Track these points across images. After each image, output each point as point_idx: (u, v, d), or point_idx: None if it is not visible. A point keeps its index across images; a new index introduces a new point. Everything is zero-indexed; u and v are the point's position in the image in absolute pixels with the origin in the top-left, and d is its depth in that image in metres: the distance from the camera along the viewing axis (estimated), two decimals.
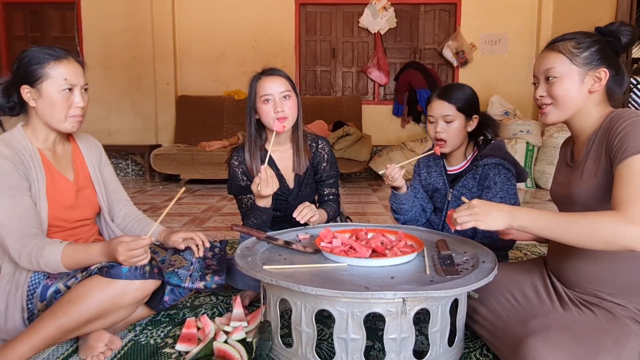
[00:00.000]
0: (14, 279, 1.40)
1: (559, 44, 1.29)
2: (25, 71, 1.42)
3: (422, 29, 6.10)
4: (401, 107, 6.05)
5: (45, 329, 1.30)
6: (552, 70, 1.28)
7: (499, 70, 6.01)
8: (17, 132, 1.48)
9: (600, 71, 1.25)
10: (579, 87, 1.27)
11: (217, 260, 1.71)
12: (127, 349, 1.44)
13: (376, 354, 1.40)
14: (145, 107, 6.10)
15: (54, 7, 6.02)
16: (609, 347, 1.11)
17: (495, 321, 1.38)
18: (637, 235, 1.03)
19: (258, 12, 5.97)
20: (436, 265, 1.38)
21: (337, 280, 1.27)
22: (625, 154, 1.13)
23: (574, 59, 1.26)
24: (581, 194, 1.26)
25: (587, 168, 1.26)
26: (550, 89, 1.29)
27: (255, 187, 1.68)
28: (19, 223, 1.34)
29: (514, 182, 1.79)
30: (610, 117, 1.25)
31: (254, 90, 1.82)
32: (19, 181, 1.38)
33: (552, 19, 5.80)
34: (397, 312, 1.19)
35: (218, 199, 4.43)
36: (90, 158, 1.66)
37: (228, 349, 1.37)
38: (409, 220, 1.97)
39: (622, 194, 1.09)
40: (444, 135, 1.81)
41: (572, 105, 1.28)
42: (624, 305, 1.22)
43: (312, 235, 1.71)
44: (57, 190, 1.49)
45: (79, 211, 1.55)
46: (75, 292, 1.33)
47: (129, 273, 1.33)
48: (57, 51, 1.45)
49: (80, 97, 1.46)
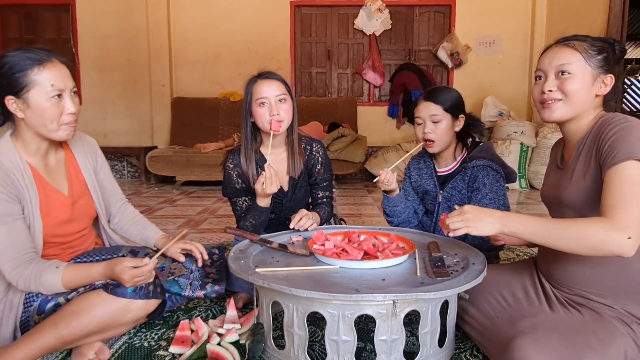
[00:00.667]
0: (7, 299, 1.38)
1: (574, 42, 1.29)
2: (8, 81, 1.30)
3: (416, 30, 6.12)
4: (396, 108, 6.08)
5: (44, 338, 1.30)
6: (567, 66, 1.27)
7: (493, 71, 6.04)
8: (5, 145, 1.38)
9: (608, 77, 1.28)
10: (589, 88, 1.27)
11: (216, 268, 1.72)
12: (121, 352, 1.45)
13: (367, 356, 1.42)
14: (140, 108, 6.10)
15: (49, 9, 6.02)
16: (595, 346, 1.13)
17: (485, 322, 1.40)
18: (624, 243, 1.06)
19: (253, 14, 5.99)
20: (427, 267, 1.40)
21: (328, 282, 1.29)
22: (615, 160, 1.15)
23: (589, 59, 1.27)
24: (570, 196, 1.28)
25: (576, 171, 1.28)
26: (563, 84, 1.28)
27: (260, 186, 1.69)
28: (12, 250, 1.31)
29: (502, 184, 1.82)
30: (601, 121, 1.26)
31: (250, 93, 1.83)
32: (11, 206, 1.31)
33: (545, 21, 5.83)
34: (387, 314, 1.21)
35: (213, 201, 4.44)
36: (86, 164, 1.60)
37: (221, 351, 1.38)
38: (402, 222, 1.98)
39: (611, 201, 1.11)
40: (432, 135, 1.84)
41: (580, 105, 1.29)
42: (611, 305, 1.25)
43: (305, 238, 1.72)
44: (52, 207, 1.43)
45: (75, 224, 1.52)
46: (78, 305, 1.33)
47: (133, 293, 1.35)
48: (38, 54, 1.33)
49: (71, 102, 1.37)
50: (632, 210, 1.08)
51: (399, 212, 1.95)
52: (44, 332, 1.30)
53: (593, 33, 1.33)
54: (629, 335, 1.19)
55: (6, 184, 1.32)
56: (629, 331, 1.19)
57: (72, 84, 1.39)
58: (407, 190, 2.03)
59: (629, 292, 1.23)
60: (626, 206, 1.08)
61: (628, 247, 1.06)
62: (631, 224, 1.07)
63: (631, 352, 1.17)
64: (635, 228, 1.07)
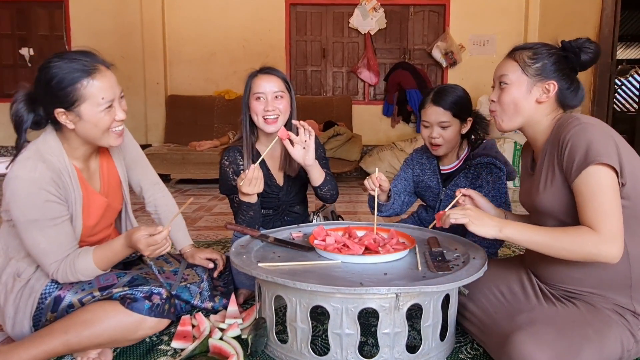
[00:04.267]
0: (28, 285, 1.39)
1: (517, 53, 1.34)
2: (57, 95, 1.28)
3: (411, 29, 6.14)
4: (391, 107, 6.09)
5: (53, 343, 1.30)
6: (504, 77, 1.33)
7: (487, 70, 6.05)
8: (55, 146, 1.37)
9: (550, 83, 1.29)
10: (525, 96, 1.31)
11: (223, 281, 1.76)
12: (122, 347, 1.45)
13: (370, 349, 1.43)
14: (135, 106, 6.05)
15: (42, 5, 5.96)
16: (592, 338, 1.16)
17: (483, 317, 1.41)
18: (612, 252, 1.14)
19: (248, 12, 5.97)
20: (428, 261, 1.41)
21: (331, 277, 1.30)
22: (576, 169, 1.17)
23: (525, 68, 1.31)
24: (542, 202, 1.30)
25: (542, 177, 1.30)
26: (500, 95, 1.34)
27: (239, 182, 1.68)
28: (59, 249, 1.34)
29: (504, 181, 1.83)
30: (557, 125, 1.29)
31: (249, 86, 1.84)
32: (61, 208, 1.34)
33: (539, 21, 5.88)
34: (390, 308, 1.22)
35: (209, 199, 4.43)
36: (118, 154, 1.60)
37: (224, 346, 1.39)
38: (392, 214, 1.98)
39: (589, 213, 1.16)
40: (439, 140, 1.82)
41: (519, 113, 1.32)
42: (603, 295, 1.27)
43: (305, 234, 1.73)
44: (92, 210, 1.46)
45: (104, 220, 1.53)
46: (91, 314, 1.33)
47: (149, 310, 1.35)
48: (85, 63, 1.30)
49: (121, 110, 1.37)
50: (612, 220, 1.14)
51: (387, 206, 1.93)
52: (53, 337, 1.30)
53: (585, 33, 1.35)
54: (624, 325, 1.21)
55: (57, 185, 1.33)
56: (623, 321, 1.22)
57: (119, 89, 1.38)
58: (402, 181, 2.01)
59: (614, 287, 1.25)
60: (606, 217, 1.14)
61: (615, 255, 1.15)
62: (617, 233, 1.14)
63: (627, 342, 1.20)
64: (621, 237, 1.14)
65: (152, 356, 1.40)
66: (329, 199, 1.92)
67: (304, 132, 1.75)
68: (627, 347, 1.20)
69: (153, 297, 1.36)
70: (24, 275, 1.39)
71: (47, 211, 1.30)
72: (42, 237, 1.30)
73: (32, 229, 1.29)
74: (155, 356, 1.40)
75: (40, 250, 1.32)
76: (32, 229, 1.29)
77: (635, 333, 1.21)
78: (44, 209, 1.29)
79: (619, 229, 1.14)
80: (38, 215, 1.29)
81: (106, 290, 1.39)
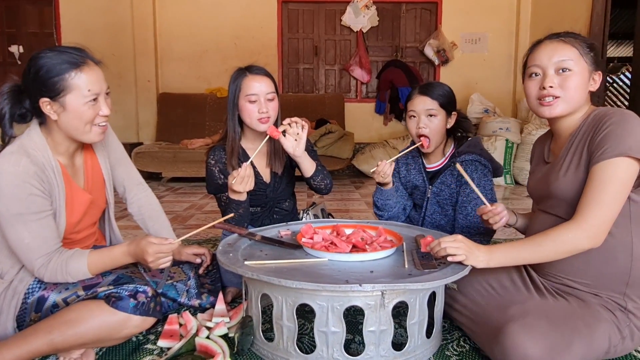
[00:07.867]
0: (11, 286, 1.38)
1: (569, 39, 1.30)
2: (44, 84, 1.29)
3: (403, 27, 6.15)
4: (383, 104, 6.10)
5: (37, 343, 1.28)
6: (568, 62, 1.28)
7: (479, 68, 6.10)
8: (38, 140, 1.37)
9: (597, 74, 1.31)
10: (586, 85, 1.30)
11: (210, 278, 1.75)
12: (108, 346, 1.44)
13: (356, 347, 1.43)
14: (126, 104, 6.02)
15: (31, 2, 5.91)
16: (582, 331, 1.18)
17: (475, 309, 1.42)
18: (591, 241, 1.19)
19: (240, 10, 5.95)
20: (415, 259, 1.42)
21: (317, 274, 1.29)
22: (603, 155, 1.19)
23: (585, 56, 1.29)
24: (560, 188, 1.31)
25: (566, 164, 1.31)
26: (564, 81, 1.28)
27: (231, 180, 1.67)
28: (43, 244, 1.32)
29: (490, 178, 1.84)
30: (594, 114, 1.28)
31: (239, 86, 1.81)
32: (45, 203, 1.33)
33: (530, 19, 5.91)
34: (375, 305, 1.22)
35: (200, 197, 4.42)
36: (102, 152, 1.59)
37: (210, 344, 1.38)
38: (392, 217, 1.99)
39: (586, 198, 1.20)
40: (426, 130, 1.82)
41: (578, 101, 1.30)
42: (596, 293, 1.29)
43: (294, 232, 1.73)
44: (75, 206, 1.45)
45: (87, 218, 1.52)
46: (75, 313, 1.31)
47: (134, 308, 1.34)
48: (74, 56, 1.32)
49: (106, 105, 1.38)
50: (600, 211, 1.17)
51: (390, 206, 1.96)
52: (37, 337, 1.29)
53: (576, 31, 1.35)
54: (612, 321, 1.23)
55: (41, 179, 1.32)
56: (612, 317, 1.24)
57: (106, 86, 1.39)
58: (397, 185, 2.04)
59: (613, 281, 1.27)
60: (596, 206, 1.17)
61: (596, 241, 1.19)
62: (596, 224, 1.17)
63: (614, 337, 1.22)
64: (600, 227, 1.18)
65: (138, 355, 1.40)
66: (323, 189, 1.91)
67: (296, 126, 1.75)
68: (613, 343, 1.22)
69: (138, 296, 1.35)
70: (7, 276, 1.38)
71: (31, 205, 1.29)
72: (27, 232, 1.30)
73: (16, 224, 1.29)
74: (141, 355, 1.40)
75: (25, 246, 1.31)
76: (16, 224, 1.29)
77: (622, 329, 1.23)
78: (28, 203, 1.29)
79: (603, 221, 1.17)
80: (22, 209, 1.28)
81: (91, 289, 1.38)
